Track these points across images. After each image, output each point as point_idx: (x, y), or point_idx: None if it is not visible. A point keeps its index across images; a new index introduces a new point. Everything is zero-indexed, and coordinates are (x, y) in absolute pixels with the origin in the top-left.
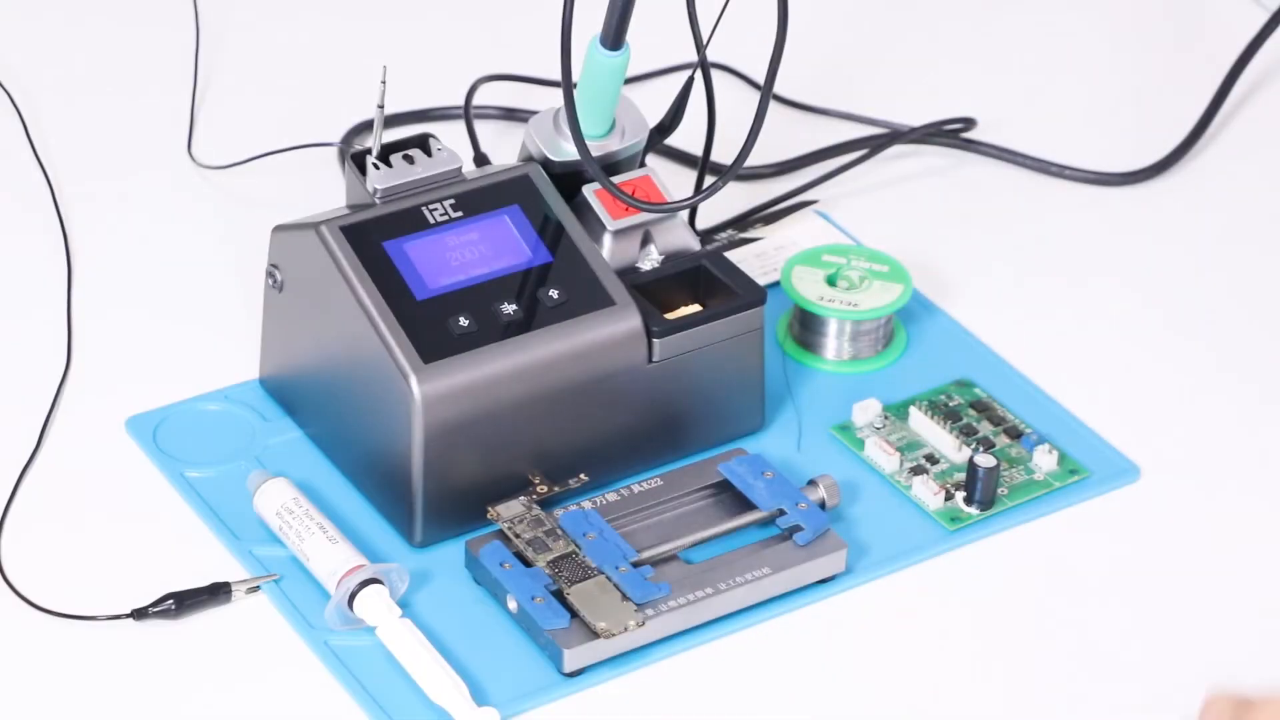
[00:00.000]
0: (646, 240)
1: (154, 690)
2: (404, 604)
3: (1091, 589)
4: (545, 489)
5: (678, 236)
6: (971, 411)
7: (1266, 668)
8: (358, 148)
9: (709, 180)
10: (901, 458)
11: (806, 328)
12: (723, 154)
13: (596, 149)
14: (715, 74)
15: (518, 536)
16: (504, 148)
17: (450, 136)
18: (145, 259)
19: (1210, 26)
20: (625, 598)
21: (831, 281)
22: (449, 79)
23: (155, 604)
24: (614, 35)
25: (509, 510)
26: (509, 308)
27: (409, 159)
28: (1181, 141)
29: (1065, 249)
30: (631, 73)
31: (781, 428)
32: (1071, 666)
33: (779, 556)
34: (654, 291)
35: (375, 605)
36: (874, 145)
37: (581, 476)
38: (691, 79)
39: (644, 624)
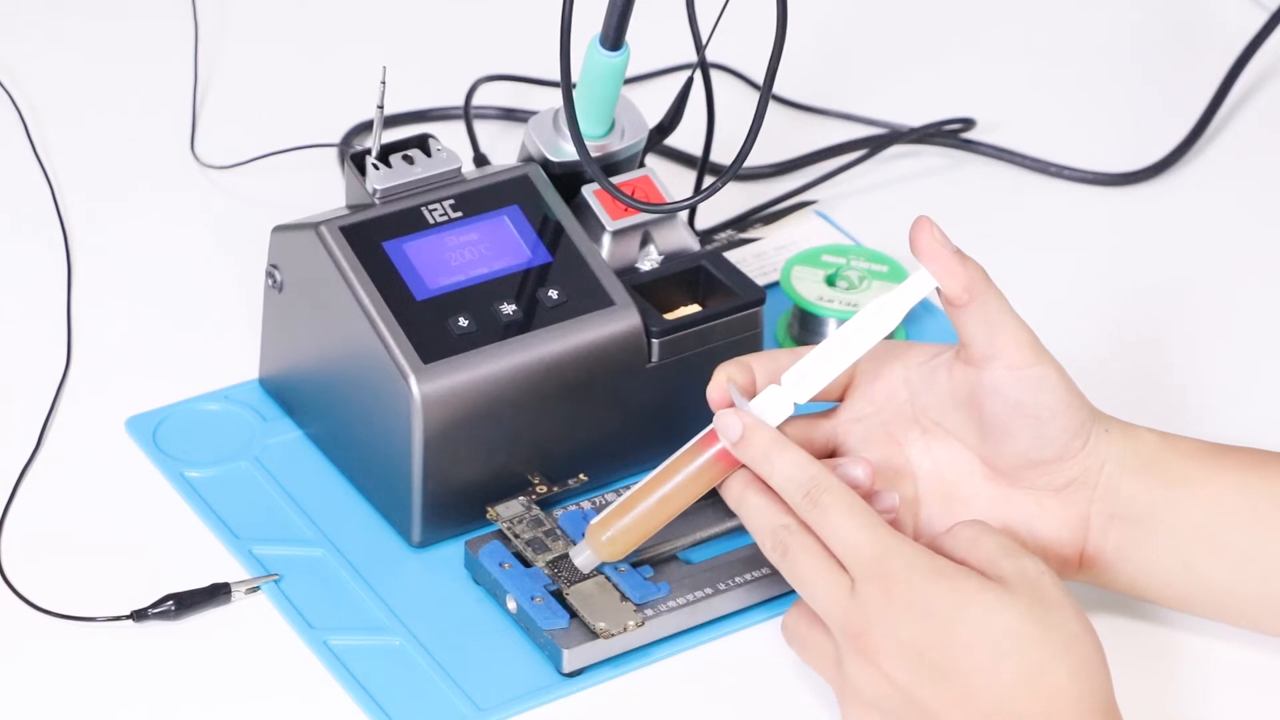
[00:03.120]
0: (646, 240)
1: (154, 691)
2: (403, 605)
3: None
4: (545, 489)
5: (677, 237)
6: None
7: (1264, 660)
8: (357, 148)
9: (709, 180)
10: None
11: (806, 328)
12: (722, 154)
13: (596, 149)
14: (715, 74)
15: (517, 536)
16: (504, 148)
17: (450, 136)
18: (145, 259)
19: (1210, 26)
20: (625, 598)
21: (831, 282)
22: (449, 79)
23: (155, 605)
24: (614, 35)
25: (508, 510)
26: (508, 308)
27: (408, 159)
28: (1181, 141)
29: (1065, 249)
30: (631, 73)
31: None
32: None
33: None
34: (653, 292)
35: (766, 398)
36: (874, 145)
37: (581, 476)
38: (691, 79)
39: (643, 624)
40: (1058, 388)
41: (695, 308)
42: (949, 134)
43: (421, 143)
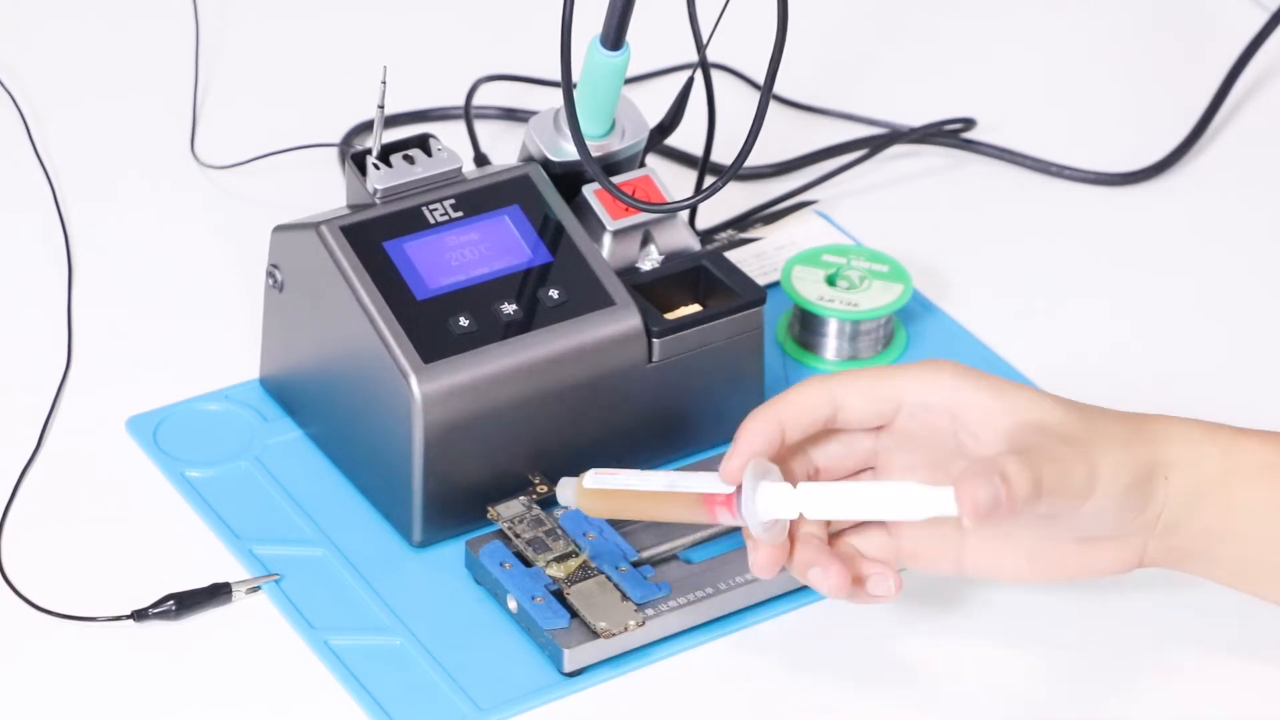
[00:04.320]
0: (646, 240)
1: (154, 690)
2: (403, 604)
3: (1090, 587)
4: (545, 489)
5: (678, 236)
6: None
7: (1264, 665)
8: (358, 148)
9: (709, 180)
10: None
11: (806, 328)
12: (723, 154)
13: (596, 149)
14: (715, 74)
15: (518, 536)
16: (504, 148)
17: (450, 136)
18: (146, 259)
19: (1210, 26)
20: (625, 597)
21: (831, 281)
22: (449, 79)
23: (156, 605)
24: (614, 35)
25: (509, 510)
26: (509, 308)
27: (409, 159)
28: (1181, 141)
29: (1065, 249)
30: (631, 73)
31: None
32: (1070, 664)
33: None
34: (654, 291)
35: (778, 495)
36: (874, 145)
37: None
38: (691, 79)
39: (644, 624)
40: (1109, 509)
41: (696, 307)
42: (949, 134)
43: (422, 142)
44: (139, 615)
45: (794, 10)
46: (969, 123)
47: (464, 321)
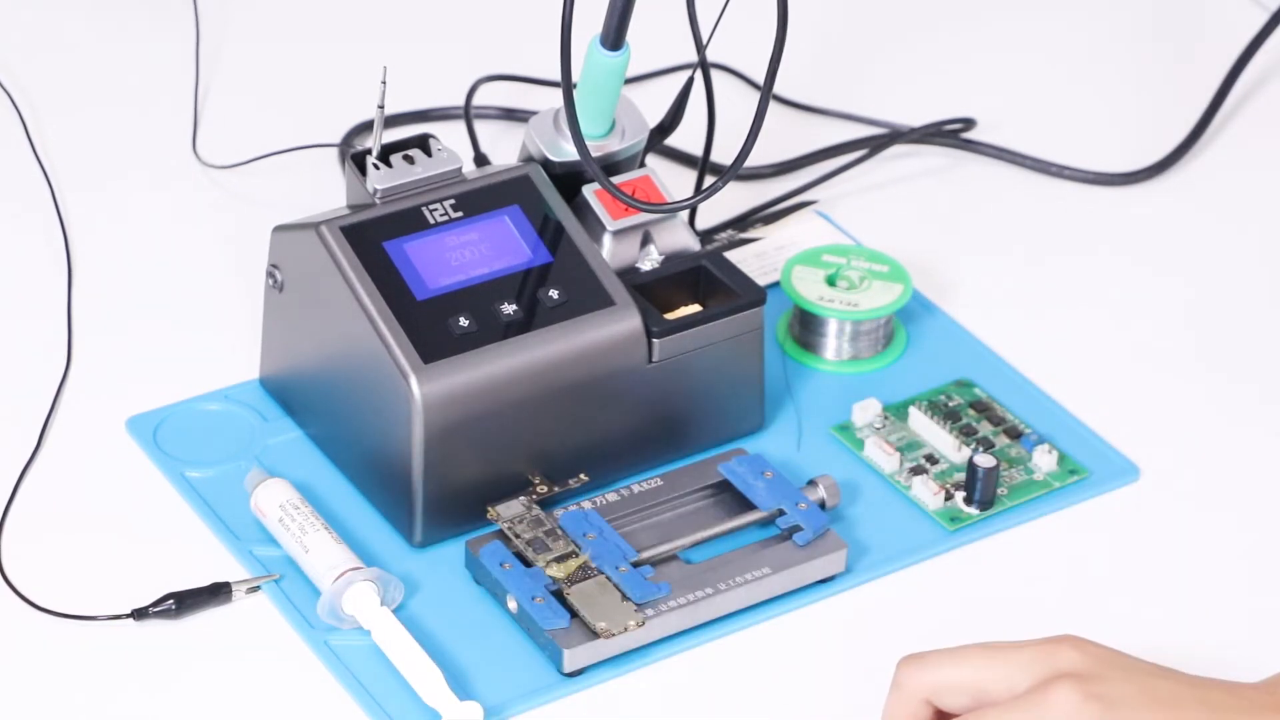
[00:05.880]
0: (646, 240)
1: (154, 690)
2: (404, 603)
3: (1091, 589)
4: (545, 489)
5: (678, 236)
6: (971, 411)
7: (1264, 669)
8: (358, 148)
9: (709, 180)
10: (901, 458)
11: (806, 328)
12: (723, 154)
13: (596, 149)
14: (715, 74)
15: (518, 536)
16: (504, 148)
17: (450, 136)
18: (146, 258)
19: (1210, 26)
20: (625, 598)
21: (831, 281)
22: (449, 79)
23: (155, 604)
24: (614, 35)
25: (509, 510)
26: (509, 308)
27: (409, 159)
28: (1181, 141)
29: (1065, 249)
30: (631, 73)
31: (781, 428)
32: None
33: (779, 556)
34: (654, 292)
35: (365, 600)
36: (874, 145)
37: (581, 476)
38: (691, 79)
39: (644, 624)
40: None
41: (696, 307)
42: (949, 134)
43: (422, 143)
44: (139, 614)
45: (794, 10)
46: (969, 123)
47: (464, 321)
